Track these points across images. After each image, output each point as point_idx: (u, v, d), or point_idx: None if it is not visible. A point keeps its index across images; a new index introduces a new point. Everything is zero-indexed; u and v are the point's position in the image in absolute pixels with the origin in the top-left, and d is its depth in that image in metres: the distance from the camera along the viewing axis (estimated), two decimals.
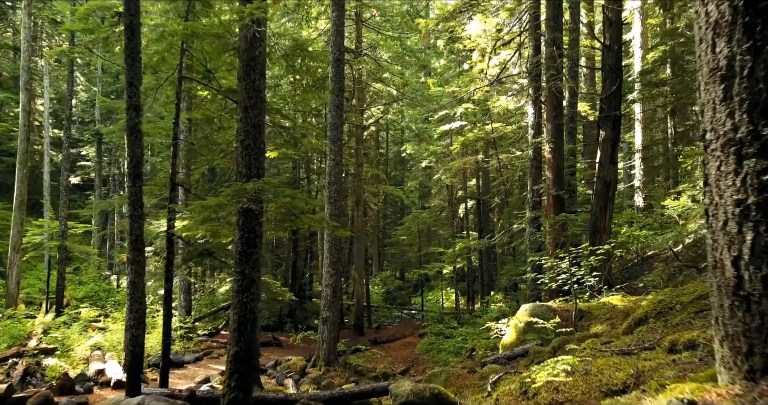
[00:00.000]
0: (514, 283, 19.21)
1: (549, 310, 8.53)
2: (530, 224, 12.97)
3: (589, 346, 5.12)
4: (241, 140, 7.10)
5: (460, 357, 15.90)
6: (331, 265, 14.42)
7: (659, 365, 3.22)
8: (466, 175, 26.57)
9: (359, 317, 21.41)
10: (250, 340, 6.78)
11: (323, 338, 14.29)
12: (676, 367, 3.04)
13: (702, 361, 3.06)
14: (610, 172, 12.38)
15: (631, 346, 4.48)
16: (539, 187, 12.80)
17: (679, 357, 3.30)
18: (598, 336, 6.73)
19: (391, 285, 34.51)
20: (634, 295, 9.11)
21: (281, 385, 12.71)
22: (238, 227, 7.00)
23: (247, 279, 6.88)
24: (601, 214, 12.33)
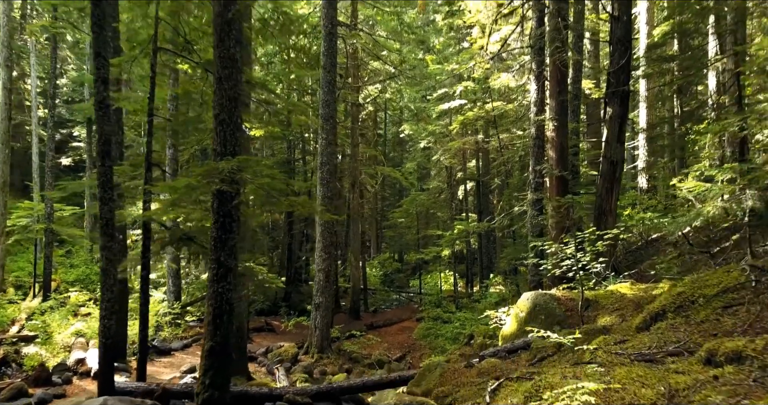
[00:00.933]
0: (514, 268, 18.67)
1: (552, 299, 7.94)
2: (532, 207, 12.33)
3: (602, 346, 4.51)
4: (215, 115, 6.43)
5: (458, 343, 15.41)
6: (324, 249, 13.83)
7: (697, 383, 2.62)
8: (465, 155, 25.86)
9: (355, 301, 20.92)
10: (226, 334, 6.20)
11: (316, 325, 13.77)
12: (723, 389, 2.45)
13: (757, 382, 2.46)
14: (617, 152, 11.71)
15: (652, 348, 3.88)
16: (542, 168, 12.14)
17: (721, 372, 2.70)
18: (608, 330, 6.15)
19: (389, 267, 34.04)
20: (643, 283, 8.51)
21: (271, 374, 12.22)
22: (213, 211, 6.37)
23: (222, 267, 6.27)
24: (606, 196, 11.69)
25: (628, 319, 6.52)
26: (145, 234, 8.49)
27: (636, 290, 7.72)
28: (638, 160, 22.39)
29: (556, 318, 7.65)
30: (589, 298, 7.79)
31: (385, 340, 17.57)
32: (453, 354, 14.43)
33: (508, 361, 6.93)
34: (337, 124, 19.06)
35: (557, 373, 3.87)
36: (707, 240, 10.64)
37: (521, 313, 8.15)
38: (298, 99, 24.24)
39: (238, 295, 10.65)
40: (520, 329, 8.02)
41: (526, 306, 8.09)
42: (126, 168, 8.77)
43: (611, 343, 4.53)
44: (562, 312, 7.69)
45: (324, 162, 13.86)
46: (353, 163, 21.18)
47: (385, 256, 36.34)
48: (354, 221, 21.54)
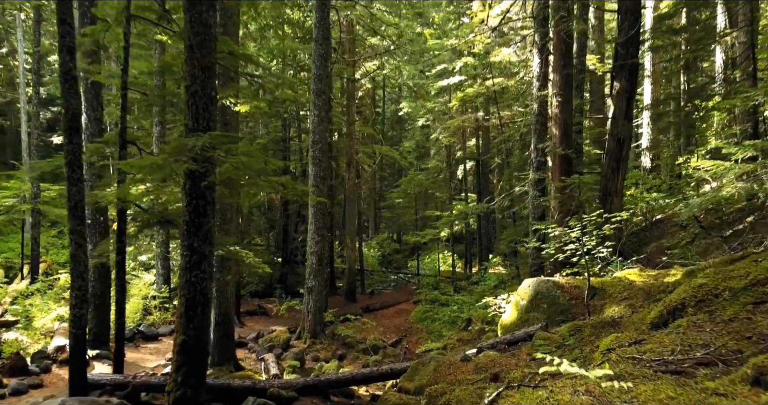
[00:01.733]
0: (514, 250, 18.18)
1: (555, 286, 7.42)
2: (533, 187, 11.76)
3: (615, 347, 3.98)
4: (186, 86, 5.80)
5: (456, 328, 14.98)
6: (317, 231, 13.29)
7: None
8: (465, 134, 25.17)
9: (351, 283, 20.47)
10: (200, 327, 5.68)
11: (308, 309, 13.31)
12: None
13: None
14: (624, 129, 11.09)
15: (676, 353, 3.33)
16: (544, 146, 11.53)
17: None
18: (617, 324, 5.62)
19: (387, 248, 33.61)
20: (653, 269, 7.98)
21: (262, 360, 11.78)
22: (185, 193, 5.80)
23: (196, 254, 5.71)
24: (612, 175, 11.10)
25: (638, 310, 5.99)
26: (120, 217, 7.92)
27: (646, 277, 7.19)
28: (642, 138, 21.77)
29: (560, 307, 7.13)
30: (595, 285, 7.27)
31: (381, 323, 17.14)
32: (450, 339, 14.03)
33: (507, 354, 6.43)
34: (330, 100, 18.37)
35: (566, 386, 3.34)
36: (719, 222, 10.09)
37: (522, 301, 7.63)
38: (294, 75, 23.48)
39: (224, 279, 10.15)
40: (520, 318, 7.51)
41: (528, 294, 7.57)
42: (99, 146, 8.16)
43: (625, 343, 3.99)
44: (566, 301, 7.17)
45: (316, 140, 13.23)
46: (349, 141, 20.52)
47: (383, 236, 35.87)
48: (350, 201, 20.97)
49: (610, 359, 3.70)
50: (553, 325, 6.96)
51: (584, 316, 6.70)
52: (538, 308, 7.32)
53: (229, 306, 10.38)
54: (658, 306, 4.98)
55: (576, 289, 7.34)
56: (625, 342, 4.03)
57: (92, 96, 10.90)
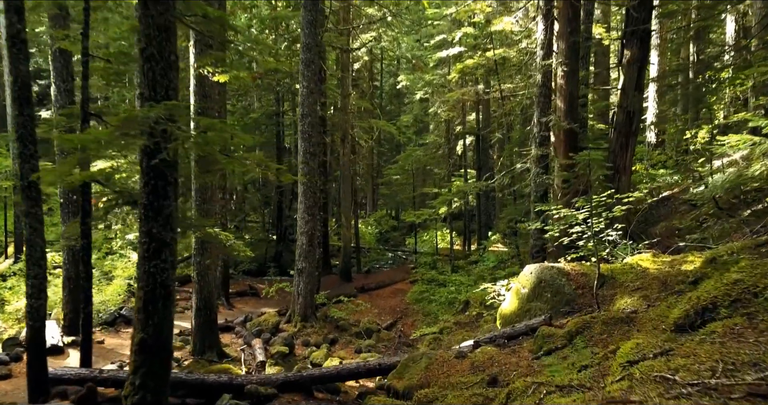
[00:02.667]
0: (514, 231, 17.53)
1: (560, 273, 6.76)
2: (536, 164, 11.03)
3: (638, 359, 3.32)
4: (141, 49, 5.04)
5: (453, 310, 14.43)
6: (307, 210, 12.60)
7: None
8: (465, 108, 24.30)
9: (347, 263, 19.89)
10: (162, 324, 5.03)
11: (299, 291, 12.71)
12: None
13: None
14: (635, 101, 10.32)
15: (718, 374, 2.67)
16: (548, 120, 10.76)
17: None
18: (632, 321, 4.97)
19: (385, 225, 32.99)
20: (669, 255, 7.32)
21: (249, 346, 11.23)
22: (142, 171, 5.08)
23: (155, 241, 5.03)
24: (621, 151, 10.39)
25: (654, 303, 5.34)
26: (83, 197, 7.24)
27: (660, 264, 6.53)
28: (648, 112, 20.91)
29: (565, 297, 6.49)
30: (604, 273, 6.61)
31: (376, 304, 16.61)
32: (447, 323, 13.48)
33: (507, 350, 5.81)
34: (323, 71, 17.49)
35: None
36: (736, 202, 9.40)
37: (523, 289, 6.99)
38: (288, 47, 22.48)
39: (205, 263, 9.51)
40: (522, 308, 6.88)
41: (530, 281, 6.92)
42: (61, 119, 7.41)
43: (649, 354, 3.33)
44: (572, 290, 6.53)
45: (306, 113, 12.44)
46: (343, 115, 19.68)
47: (381, 213, 35.22)
48: (345, 178, 20.24)
49: (632, 376, 3.05)
50: (557, 316, 6.33)
51: (592, 308, 6.06)
52: (541, 297, 6.69)
53: (211, 290, 9.77)
54: (682, 303, 4.31)
55: (583, 276, 6.69)
56: (648, 352, 3.37)
57: (61, 65, 10.09)
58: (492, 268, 15.09)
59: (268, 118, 24.29)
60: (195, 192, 9.61)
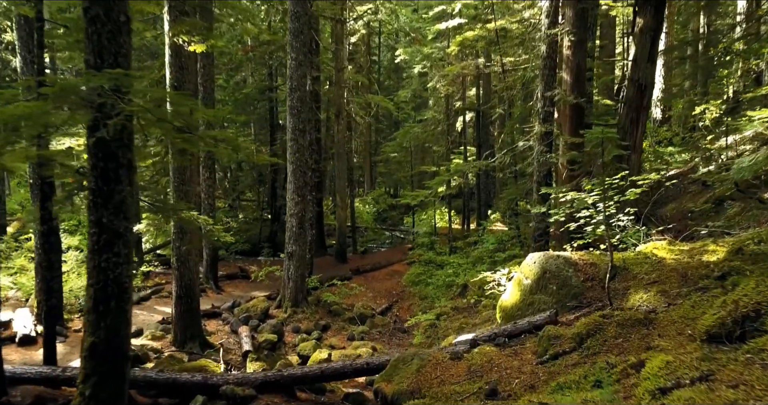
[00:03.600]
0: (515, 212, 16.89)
1: (567, 263, 6.13)
2: (539, 141, 10.31)
3: (670, 386, 2.70)
4: (84, 9, 4.31)
5: (450, 293, 13.88)
6: (296, 191, 11.94)
7: None
8: (465, 83, 23.44)
9: (342, 244, 19.30)
10: (116, 325, 4.43)
11: (289, 276, 12.14)
12: None
13: None
14: (647, 73, 9.59)
15: None
16: (553, 94, 10.01)
17: None
18: (651, 323, 4.35)
19: (383, 204, 32.36)
20: (683, 241, 6.68)
21: (235, 333, 10.69)
22: (89, 152, 4.41)
23: (106, 232, 4.39)
24: (631, 128, 9.70)
25: (675, 300, 4.72)
26: (42, 179, 6.56)
27: (677, 253, 5.90)
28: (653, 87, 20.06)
29: (572, 290, 5.87)
30: (616, 263, 5.98)
31: (371, 287, 16.08)
32: (444, 307, 12.94)
33: (508, 350, 5.22)
34: (313, 42, 16.64)
35: None
36: (755, 182, 8.73)
37: (526, 280, 6.37)
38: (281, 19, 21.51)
39: (185, 249, 8.91)
40: (524, 301, 6.28)
41: (533, 271, 6.30)
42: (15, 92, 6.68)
43: (684, 376, 2.71)
44: (580, 282, 5.90)
45: (294, 87, 11.69)
46: (338, 90, 18.86)
47: (379, 191, 34.51)
48: (340, 156, 19.52)
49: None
50: (563, 311, 5.73)
51: (603, 303, 5.45)
52: (546, 290, 6.08)
53: (192, 277, 9.17)
54: (715, 306, 3.69)
55: (592, 267, 6.06)
56: (683, 374, 2.75)
57: (26, 34, 9.30)
58: (491, 251, 14.50)
59: (261, 94, 23.42)
60: (173, 172, 8.94)
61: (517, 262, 11.67)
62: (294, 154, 11.76)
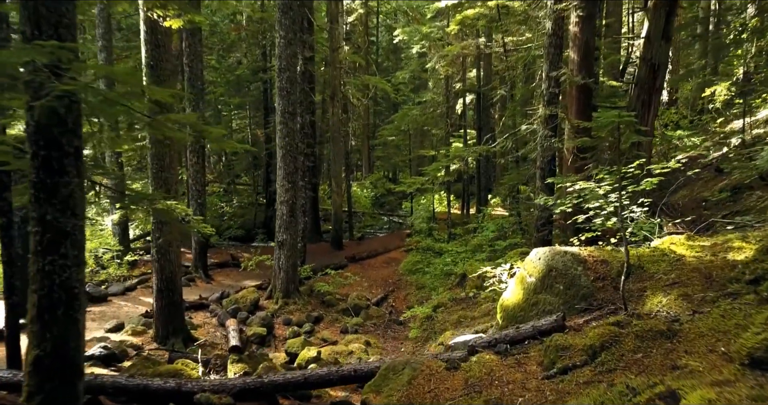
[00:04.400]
0: (516, 198, 16.33)
1: (575, 260, 5.57)
2: (543, 125, 9.69)
3: None
4: None
5: (448, 283, 13.36)
6: (287, 176, 11.35)
7: None
8: (465, 64, 22.68)
9: (337, 230, 18.76)
10: (65, 337, 3.88)
11: (280, 265, 11.61)
12: None
13: None
14: (661, 52, 8.93)
15: None
16: (559, 74, 9.36)
17: None
18: (675, 335, 3.80)
19: (381, 188, 31.73)
20: (703, 234, 6.11)
21: (223, 327, 10.21)
22: (29, 140, 3.82)
23: (51, 231, 3.81)
24: (643, 111, 9.07)
25: (701, 307, 4.17)
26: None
27: (698, 250, 5.34)
28: None
29: (581, 290, 5.33)
30: (630, 260, 5.42)
31: (367, 275, 15.58)
32: (442, 298, 12.44)
33: (510, 359, 4.69)
34: (305, 20, 15.92)
35: None
36: None
37: (529, 278, 5.82)
38: None
39: (165, 239, 8.36)
40: (527, 301, 5.74)
41: (538, 269, 5.75)
42: None
43: None
44: (590, 282, 5.35)
45: (283, 67, 11.02)
46: (333, 71, 18.14)
47: (377, 175, 33.85)
48: (335, 140, 18.87)
49: None
50: (571, 315, 5.19)
51: (616, 306, 4.91)
52: (552, 289, 5.53)
53: (174, 270, 8.63)
54: (757, 323, 3.13)
55: (603, 265, 5.50)
56: None
57: None
58: (491, 239, 13.96)
59: (254, 75, 22.65)
60: (151, 158, 8.35)
61: (518, 252, 11.14)
62: (284, 138, 11.15)
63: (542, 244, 9.97)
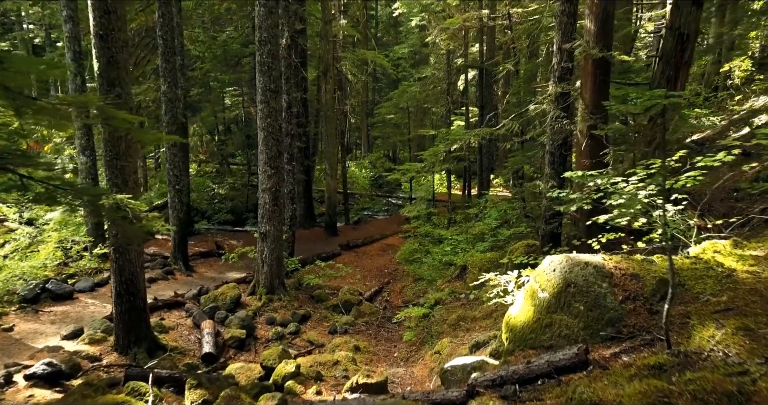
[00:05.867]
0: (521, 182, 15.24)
1: (598, 274, 4.54)
2: (554, 104, 8.56)
3: None
4: None
5: (447, 274, 12.38)
6: (269, 161, 10.28)
7: None
8: (467, 38, 21.33)
9: (332, 215, 17.76)
10: None
11: (263, 259, 10.63)
12: None
13: None
14: (692, 19, 7.76)
15: None
16: (573, 46, 8.20)
17: None
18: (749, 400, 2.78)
19: (380, 168, 30.63)
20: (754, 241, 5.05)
21: (198, 328, 9.27)
22: None
23: None
24: (668, 88, 7.91)
25: None
26: None
27: (752, 262, 4.30)
28: None
29: (607, 313, 4.31)
30: (662, 274, 4.40)
31: (362, 264, 14.63)
32: (441, 291, 11.47)
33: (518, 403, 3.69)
34: None
35: None
36: None
37: (542, 293, 4.81)
38: None
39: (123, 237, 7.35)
40: (540, 321, 4.73)
41: (552, 283, 4.72)
42: None
43: None
44: (617, 303, 4.33)
45: (264, 39, 9.87)
46: (325, 45, 16.90)
47: (376, 154, 32.70)
48: (328, 119, 17.72)
49: None
50: (595, 343, 4.19)
51: (652, 336, 3.90)
52: (570, 309, 4.52)
53: (135, 270, 7.64)
54: None
55: (633, 280, 4.47)
56: None
57: None
58: (494, 228, 12.94)
59: (244, 49, 21.34)
60: (104, 144, 7.29)
61: (524, 244, 10.13)
62: (265, 118, 10.05)
63: (551, 239, 8.95)
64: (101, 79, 7.14)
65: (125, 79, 7.26)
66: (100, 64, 7.09)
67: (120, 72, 7.19)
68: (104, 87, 7.13)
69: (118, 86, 7.17)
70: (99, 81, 7.16)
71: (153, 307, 9.76)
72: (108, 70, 7.10)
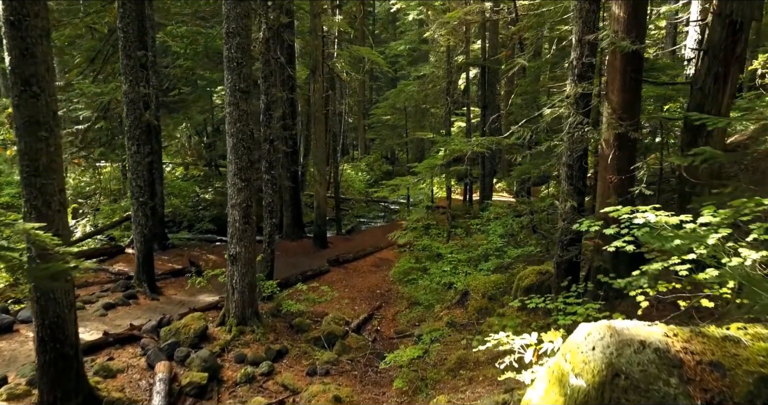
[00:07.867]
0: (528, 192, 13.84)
1: (661, 361, 3.11)
2: (574, 107, 7.15)
3: None
4: None
5: (446, 299, 10.95)
6: (239, 172, 8.87)
7: None
8: (468, 33, 19.91)
9: (321, 226, 16.36)
10: None
11: (233, 285, 9.23)
12: None
13: None
14: (746, 5, 6.34)
15: None
16: (599, 37, 6.78)
17: None
18: None
19: (377, 171, 29.23)
20: None
21: (152, 369, 7.87)
22: None
23: None
24: (715, 88, 6.54)
25: None
26: None
27: None
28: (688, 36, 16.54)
29: None
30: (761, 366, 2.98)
31: (351, 283, 13.23)
32: (439, 321, 10.10)
33: None
34: None
35: None
36: None
37: (575, 380, 3.38)
38: None
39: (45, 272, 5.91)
40: None
41: (591, 366, 3.30)
42: None
43: None
44: None
45: (232, 31, 8.47)
46: (314, 40, 15.48)
47: (374, 156, 31.25)
48: (317, 121, 16.29)
49: None
50: None
51: None
52: None
53: (62, 312, 6.23)
54: None
55: (715, 371, 3.04)
56: None
57: None
58: (498, 247, 11.50)
59: None
60: (20, 157, 5.89)
61: (534, 271, 8.73)
62: (234, 123, 8.64)
63: (568, 269, 7.51)
64: (13, 75, 5.75)
65: (45, 76, 5.86)
66: (11, 58, 5.70)
67: (38, 68, 5.79)
68: (18, 86, 5.74)
69: (35, 85, 5.78)
70: (11, 78, 5.77)
71: (102, 343, 8.40)
72: (22, 66, 5.71)
